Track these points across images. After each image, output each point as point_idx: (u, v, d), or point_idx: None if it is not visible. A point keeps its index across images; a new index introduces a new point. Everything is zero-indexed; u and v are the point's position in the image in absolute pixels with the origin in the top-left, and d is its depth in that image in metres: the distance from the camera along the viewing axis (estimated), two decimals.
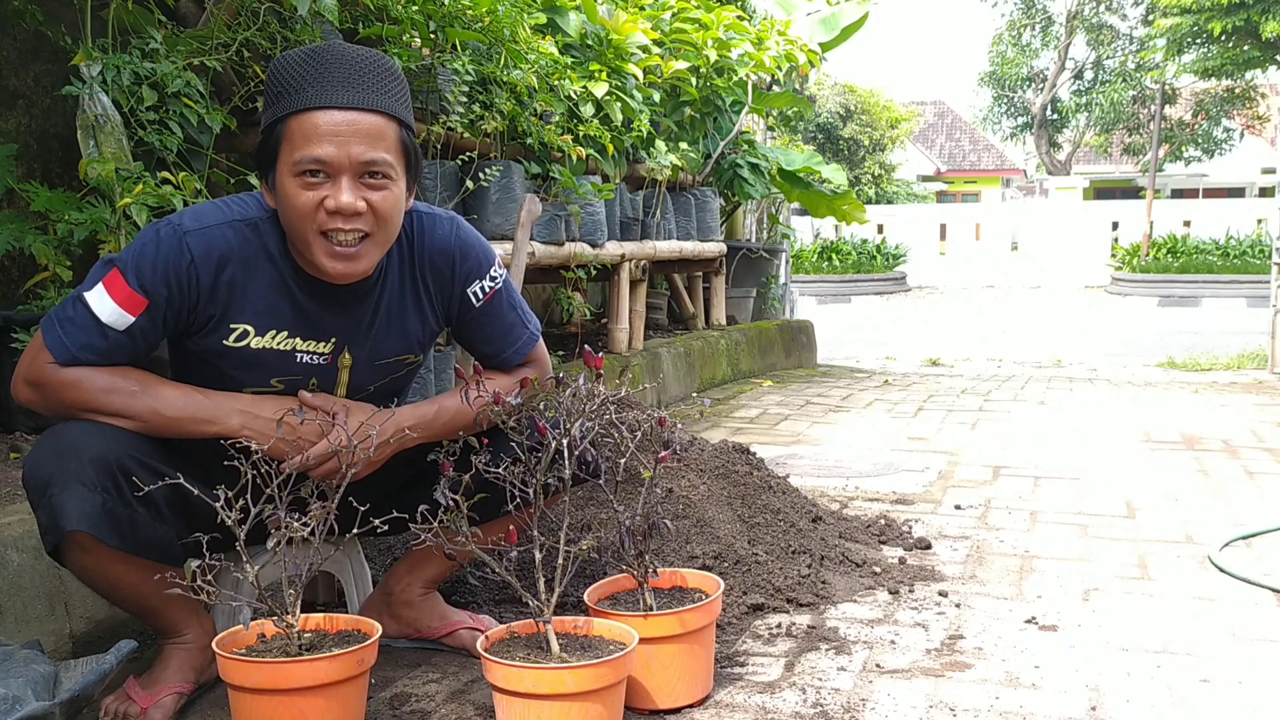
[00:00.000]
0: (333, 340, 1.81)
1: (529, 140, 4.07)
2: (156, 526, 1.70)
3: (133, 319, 1.67)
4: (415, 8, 3.41)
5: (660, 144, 5.32)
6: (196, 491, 1.63)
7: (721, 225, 6.71)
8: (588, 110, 4.39)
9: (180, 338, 1.78)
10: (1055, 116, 30.99)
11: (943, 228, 21.49)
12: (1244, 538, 2.89)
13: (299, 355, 1.79)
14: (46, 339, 1.67)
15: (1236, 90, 24.65)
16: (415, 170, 1.78)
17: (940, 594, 2.44)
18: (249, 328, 1.75)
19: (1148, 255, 17.71)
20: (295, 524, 1.64)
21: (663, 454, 1.86)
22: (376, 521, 1.77)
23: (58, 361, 1.66)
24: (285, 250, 1.76)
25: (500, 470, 1.72)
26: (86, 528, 1.60)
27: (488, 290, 1.92)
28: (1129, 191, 30.09)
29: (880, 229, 20.46)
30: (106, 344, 1.67)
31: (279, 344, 1.77)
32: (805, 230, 19.14)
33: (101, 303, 1.66)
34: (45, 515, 1.63)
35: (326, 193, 1.65)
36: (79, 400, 1.67)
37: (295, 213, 1.67)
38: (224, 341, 1.75)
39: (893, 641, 2.16)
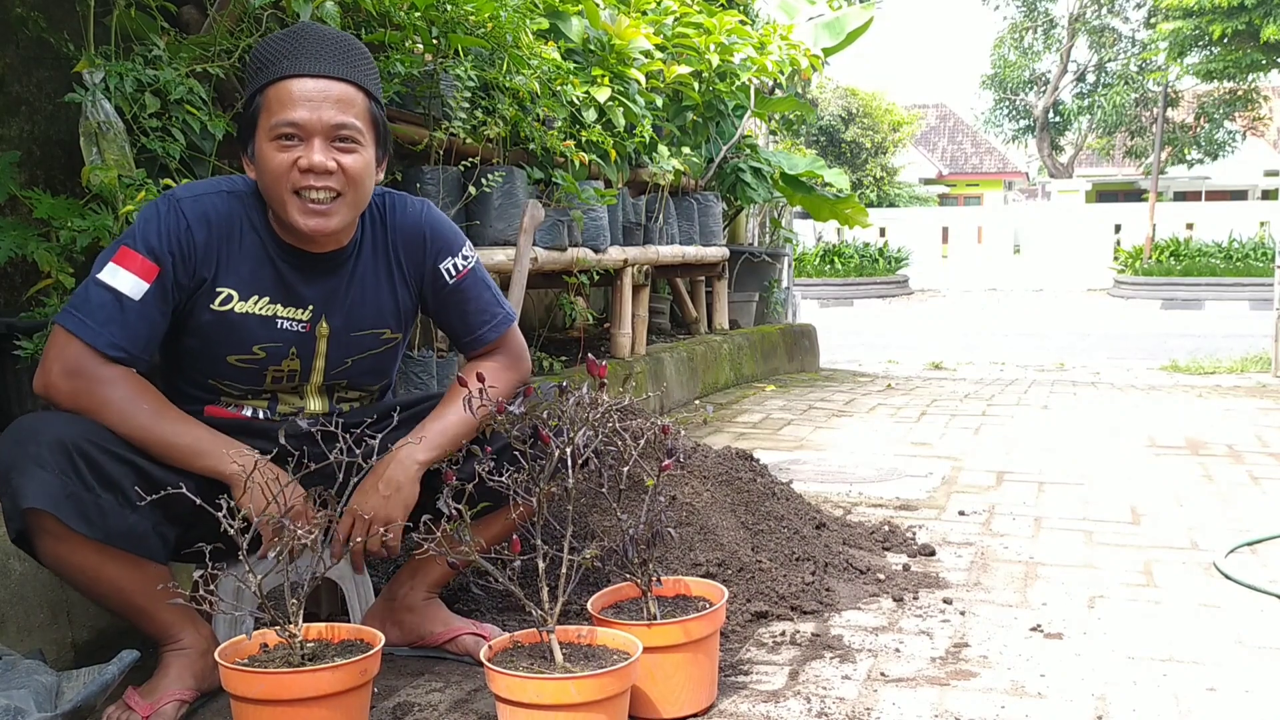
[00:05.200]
0: (310, 308, 1.89)
1: (531, 146, 4.06)
2: (126, 514, 1.69)
3: (148, 286, 1.74)
4: (418, 13, 3.40)
5: (663, 149, 5.31)
6: (199, 501, 1.63)
7: (724, 229, 6.70)
8: (590, 115, 4.39)
9: (177, 311, 1.82)
10: (1057, 119, 30.96)
11: (945, 231, 21.48)
12: (1249, 544, 2.88)
13: (279, 321, 1.87)
14: (68, 325, 1.72)
15: (1239, 93, 24.62)
16: (384, 143, 1.90)
17: (945, 601, 2.44)
18: (233, 292, 1.84)
19: (1150, 258, 17.70)
20: (299, 532, 1.64)
21: (666, 463, 1.85)
22: (382, 530, 1.78)
23: (93, 346, 1.71)
24: (267, 220, 1.86)
25: (504, 480, 1.71)
26: (45, 505, 1.61)
27: (460, 268, 2.01)
28: (1131, 194, 30.08)
29: (882, 232, 20.45)
30: (124, 316, 1.73)
31: (260, 309, 1.86)
32: (807, 234, 19.14)
33: (116, 277, 1.74)
34: (7, 501, 1.65)
35: (300, 153, 1.76)
36: (106, 399, 1.71)
37: (271, 174, 1.77)
38: (210, 306, 1.83)
39: (897, 650, 2.15)
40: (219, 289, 1.83)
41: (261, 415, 1.93)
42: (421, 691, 1.96)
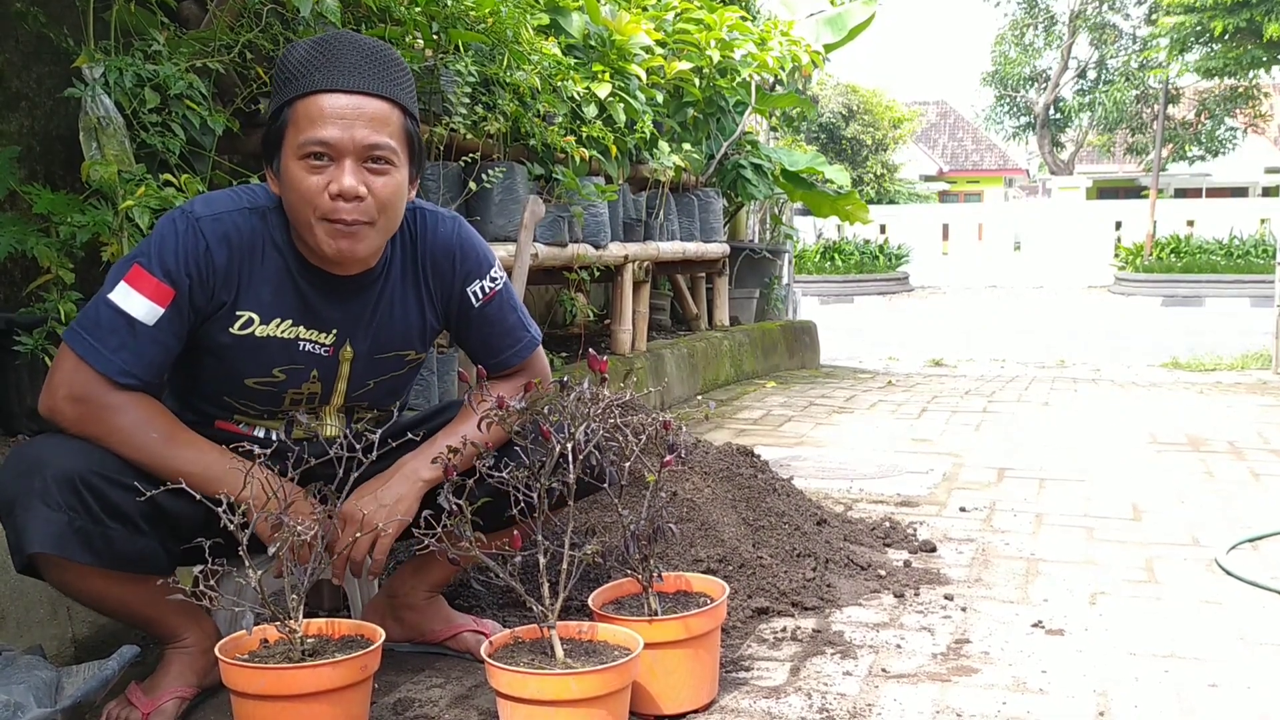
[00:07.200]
0: (334, 331, 1.82)
1: (532, 142, 4.06)
2: (134, 539, 1.67)
3: (162, 310, 1.66)
4: (418, 9, 3.40)
5: (663, 145, 5.31)
6: (199, 497, 1.63)
7: (724, 226, 6.70)
8: (591, 111, 4.38)
9: (191, 333, 1.75)
10: (1058, 116, 30.95)
11: (945, 228, 21.46)
12: (1251, 540, 2.87)
13: (302, 344, 1.80)
14: (78, 349, 1.65)
15: (1239, 89, 24.60)
16: (418, 161, 1.80)
17: (946, 597, 2.43)
18: (254, 315, 1.76)
19: (1151, 255, 17.68)
20: (298, 528, 1.64)
21: (667, 458, 1.85)
22: (380, 524, 1.77)
23: (103, 374, 1.64)
24: (290, 240, 1.77)
25: (504, 475, 1.71)
26: (50, 549, 1.58)
27: (487, 291, 1.92)
28: (1132, 191, 30.05)
29: (883, 229, 20.43)
30: (136, 342, 1.65)
31: (282, 332, 1.78)
32: (808, 230, 19.12)
33: (128, 299, 1.65)
34: (12, 535, 1.61)
35: (330, 176, 1.66)
36: (114, 426, 1.66)
37: (299, 196, 1.68)
38: (229, 329, 1.75)
39: (898, 646, 2.15)
40: (239, 312, 1.74)
41: (275, 438, 1.85)
42: (422, 687, 1.96)
